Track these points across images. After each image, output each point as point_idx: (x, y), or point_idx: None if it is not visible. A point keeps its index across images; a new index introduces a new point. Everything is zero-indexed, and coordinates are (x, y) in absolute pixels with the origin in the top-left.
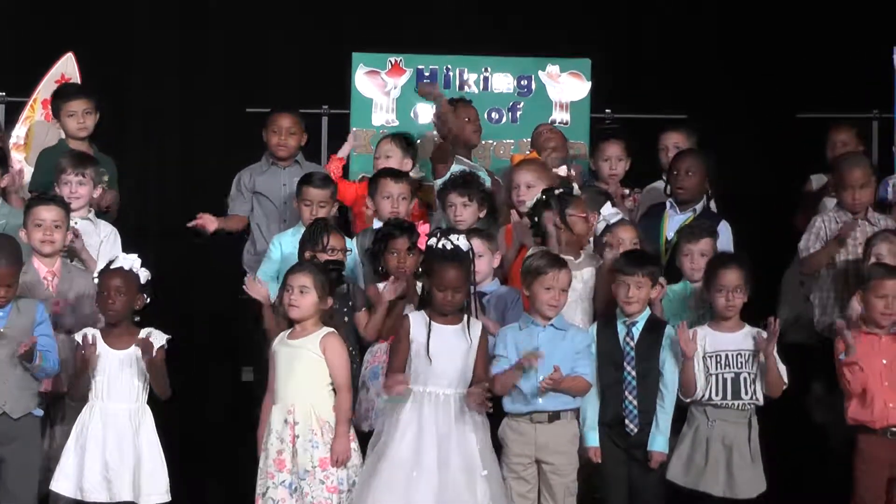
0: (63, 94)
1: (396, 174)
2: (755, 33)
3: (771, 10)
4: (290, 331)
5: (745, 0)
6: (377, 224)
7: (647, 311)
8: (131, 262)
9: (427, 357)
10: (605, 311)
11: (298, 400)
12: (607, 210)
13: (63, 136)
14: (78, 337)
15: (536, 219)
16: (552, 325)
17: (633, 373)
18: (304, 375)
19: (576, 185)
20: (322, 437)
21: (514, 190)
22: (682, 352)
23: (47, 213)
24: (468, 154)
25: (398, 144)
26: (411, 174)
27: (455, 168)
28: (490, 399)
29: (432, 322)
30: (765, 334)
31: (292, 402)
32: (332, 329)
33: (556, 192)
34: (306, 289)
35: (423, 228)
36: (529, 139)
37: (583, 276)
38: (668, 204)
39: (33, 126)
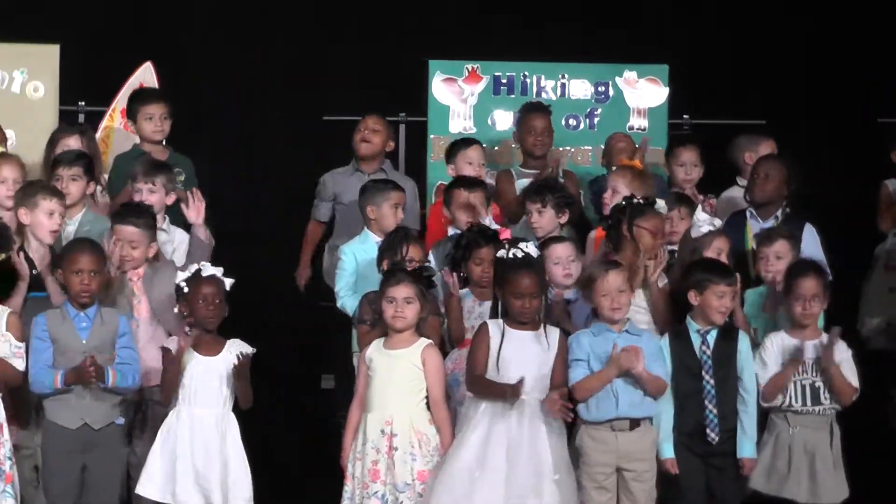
0: (141, 97)
1: (471, 183)
2: (834, 37)
3: (851, 14)
4: (384, 339)
5: (824, 4)
6: (452, 232)
7: None
8: (218, 271)
9: (496, 366)
10: (665, 324)
11: (397, 411)
12: (702, 215)
13: (138, 140)
14: (170, 344)
15: (611, 222)
16: (626, 330)
17: (712, 381)
18: (404, 386)
19: (661, 202)
20: (420, 449)
21: (605, 194)
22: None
23: (125, 234)
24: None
25: (478, 151)
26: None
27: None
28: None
29: (507, 327)
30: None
31: (391, 412)
32: (430, 340)
33: (634, 200)
34: (411, 299)
35: (505, 234)
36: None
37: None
38: (748, 213)
39: (112, 133)
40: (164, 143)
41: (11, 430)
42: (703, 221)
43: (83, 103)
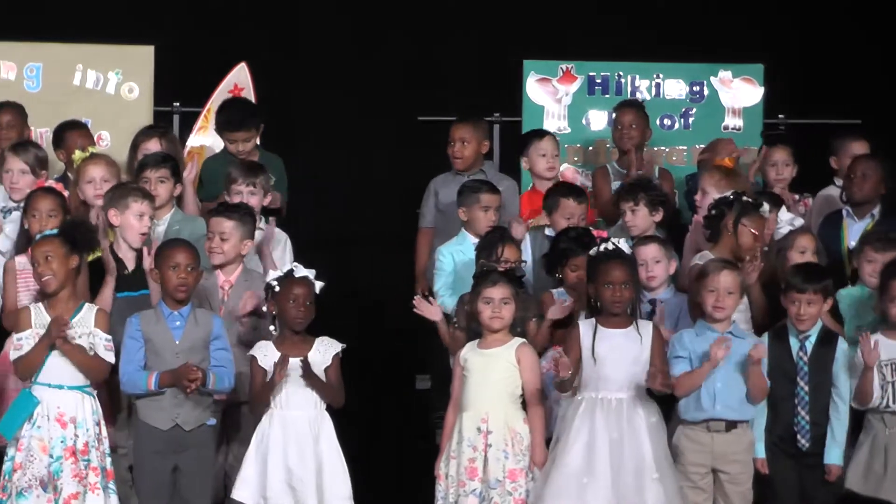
0: (226, 122)
1: (579, 193)
2: None
3: None
4: (479, 339)
5: None
6: (550, 232)
7: (820, 323)
8: (310, 273)
9: (592, 358)
10: (762, 320)
11: (493, 409)
12: (785, 215)
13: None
14: (256, 352)
15: (714, 212)
16: (730, 332)
17: (806, 388)
18: (499, 385)
19: (766, 206)
20: (512, 447)
21: (695, 195)
22: (863, 361)
23: (217, 225)
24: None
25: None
26: None
27: None
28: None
29: (599, 326)
30: None
31: (486, 410)
32: (524, 340)
33: (743, 197)
34: (507, 300)
35: (602, 235)
36: (702, 145)
37: None
38: (844, 212)
39: (208, 135)
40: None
41: (108, 430)
42: (784, 221)
43: (178, 104)
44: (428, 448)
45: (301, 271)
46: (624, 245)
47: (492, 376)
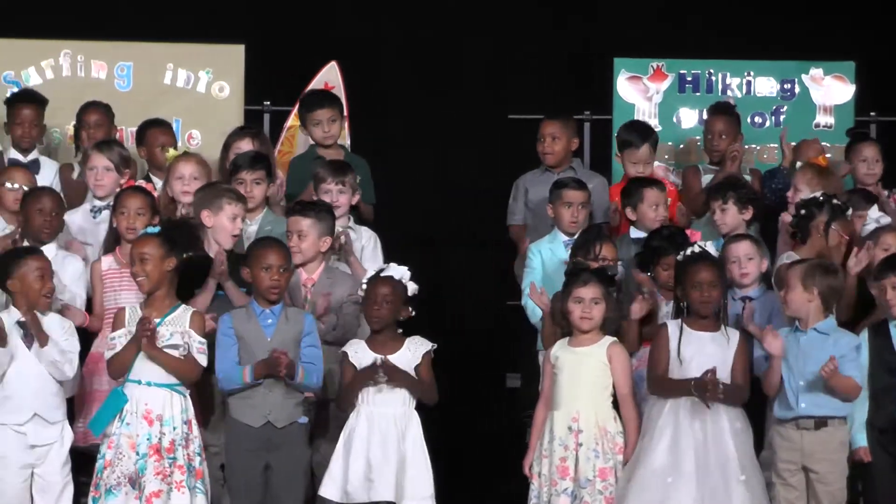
0: (307, 103)
1: (657, 182)
2: None
3: None
4: (569, 337)
5: None
6: (635, 232)
7: None
8: (401, 272)
9: (678, 359)
10: (848, 316)
11: (584, 407)
12: (874, 213)
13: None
14: (348, 349)
15: (803, 212)
16: (815, 328)
17: None
18: (590, 383)
19: (850, 210)
20: (602, 446)
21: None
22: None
23: (294, 224)
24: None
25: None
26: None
27: None
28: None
29: (686, 327)
30: None
31: (577, 409)
32: (615, 338)
33: (834, 200)
34: (598, 300)
35: (696, 236)
36: (793, 143)
37: None
38: None
39: (297, 133)
40: (347, 145)
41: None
42: (871, 219)
43: (268, 103)
44: (518, 446)
45: (391, 271)
46: (711, 248)
47: (583, 375)
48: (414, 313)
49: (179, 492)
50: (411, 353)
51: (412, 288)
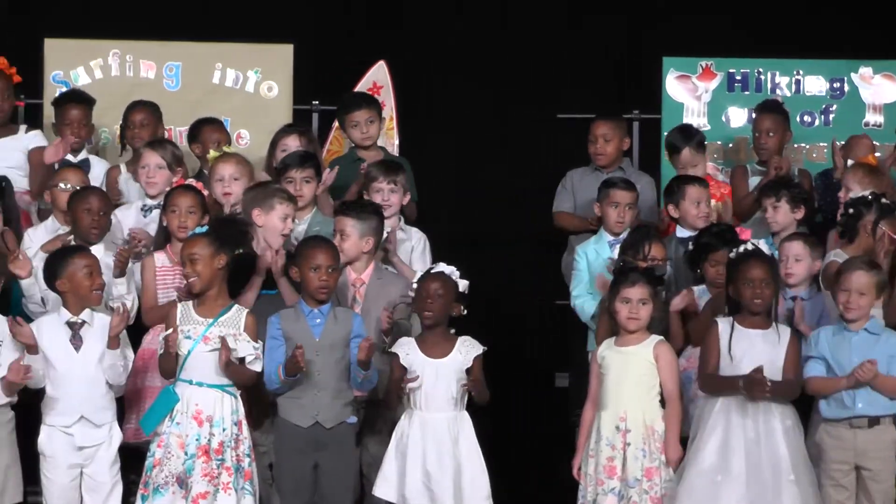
0: (345, 105)
1: (698, 178)
2: None
3: None
4: (616, 337)
5: None
6: (681, 232)
7: None
8: (451, 270)
9: (728, 355)
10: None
11: (631, 407)
12: None
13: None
14: (398, 349)
15: (851, 211)
16: (865, 329)
17: None
18: (637, 382)
19: None
20: (649, 446)
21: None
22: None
23: (338, 224)
24: None
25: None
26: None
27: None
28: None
29: (737, 325)
30: None
31: (624, 408)
32: (661, 337)
33: (882, 199)
34: (646, 300)
35: (745, 234)
36: (842, 142)
37: None
38: None
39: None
40: (395, 144)
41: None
42: None
43: (316, 102)
44: (567, 446)
45: (440, 268)
46: (764, 246)
47: (630, 374)
48: (465, 311)
49: (226, 493)
50: (462, 355)
51: (463, 284)
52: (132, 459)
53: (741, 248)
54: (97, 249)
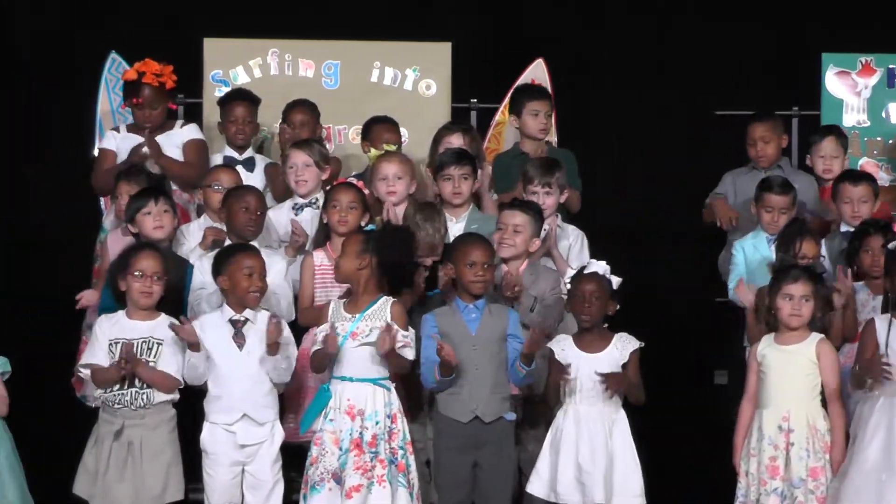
0: (528, 91)
1: (861, 178)
2: None
3: None
4: (776, 334)
5: None
6: (844, 227)
7: None
8: (604, 268)
9: (886, 353)
10: None
11: (794, 406)
12: None
13: (518, 139)
14: (554, 346)
15: None
16: None
17: None
18: (800, 381)
19: None
20: (812, 445)
21: None
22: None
23: (511, 217)
24: None
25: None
26: None
27: None
28: None
29: (894, 320)
30: None
31: (787, 408)
32: (823, 335)
33: None
34: (808, 297)
35: None
36: None
37: None
38: None
39: (504, 130)
40: (553, 141)
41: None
42: None
43: (475, 100)
44: (725, 445)
45: (593, 267)
46: None
47: (792, 373)
48: (619, 306)
49: (381, 486)
50: (619, 351)
51: (616, 281)
52: (293, 457)
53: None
54: None
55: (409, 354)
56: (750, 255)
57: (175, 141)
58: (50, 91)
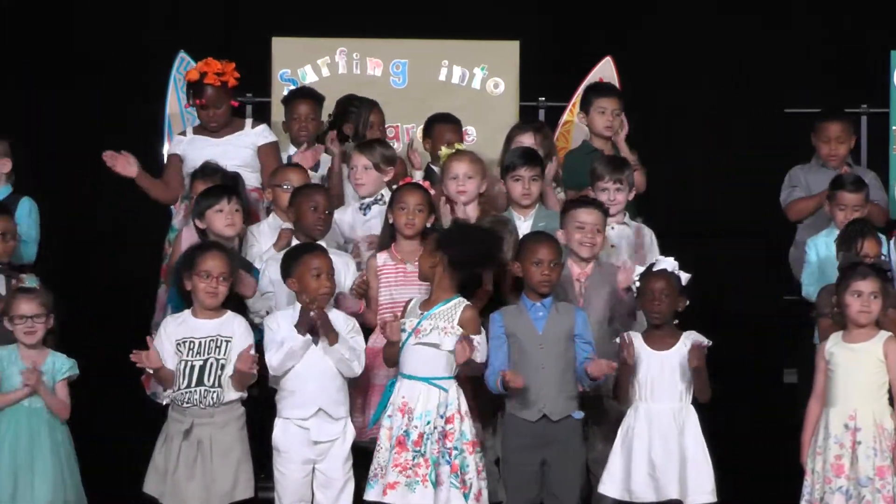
0: (597, 88)
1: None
2: None
3: None
4: (843, 332)
5: None
6: None
7: None
8: (672, 264)
9: None
10: None
11: (861, 405)
12: None
13: (587, 137)
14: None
15: None
16: None
17: None
18: (867, 380)
19: None
20: (879, 444)
21: None
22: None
23: (588, 216)
24: None
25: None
26: None
27: None
28: None
29: None
30: None
31: (854, 406)
32: (891, 333)
33: None
34: (877, 294)
35: None
36: None
37: None
38: None
39: (572, 129)
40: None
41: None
42: None
43: (543, 99)
44: (794, 443)
45: (662, 264)
46: None
47: (859, 372)
48: (688, 302)
49: (424, 485)
50: (688, 347)
51: (685, 277)
52: (358, 457)
53: None
54: None
55: (479, 358)
56: (822, 253)
57: (246, 142)
58: (122, 91)
